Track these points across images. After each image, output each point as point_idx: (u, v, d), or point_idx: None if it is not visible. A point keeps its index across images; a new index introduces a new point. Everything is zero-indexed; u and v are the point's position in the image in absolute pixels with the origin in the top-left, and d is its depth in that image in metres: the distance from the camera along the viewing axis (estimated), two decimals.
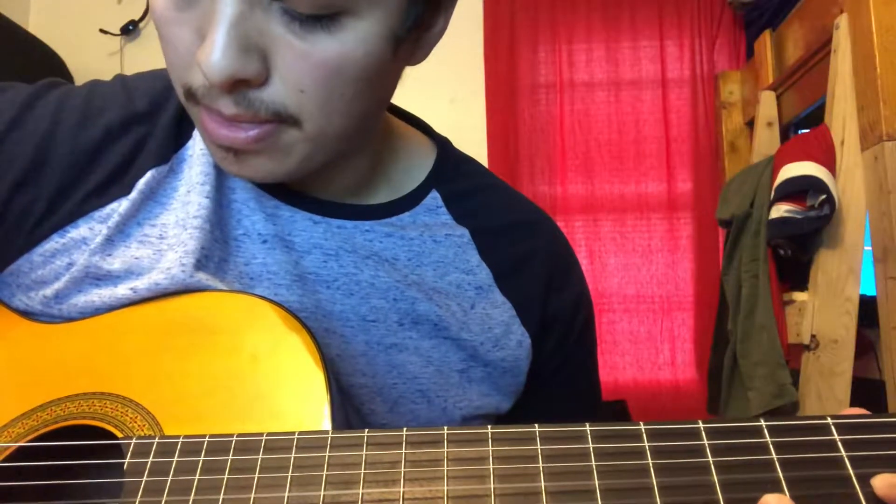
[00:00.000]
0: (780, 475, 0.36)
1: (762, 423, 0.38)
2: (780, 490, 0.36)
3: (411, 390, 0.55)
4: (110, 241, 0.51)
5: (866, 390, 1.52)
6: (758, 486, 0.36)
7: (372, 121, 0.56)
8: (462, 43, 2.33)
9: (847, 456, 0.37)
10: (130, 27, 2.38)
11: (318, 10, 0.43)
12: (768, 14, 2.09)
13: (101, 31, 2.36)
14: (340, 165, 0.55)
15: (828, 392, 1.45)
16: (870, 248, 1.42)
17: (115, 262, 0.51)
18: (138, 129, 0.54)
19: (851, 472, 0.36)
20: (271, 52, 0.44)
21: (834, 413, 0.40)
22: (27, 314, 0.52)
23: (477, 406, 0.58)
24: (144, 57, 2.38)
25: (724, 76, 2.28)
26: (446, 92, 2.31)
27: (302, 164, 0.50)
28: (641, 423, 0.38)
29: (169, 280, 0.49)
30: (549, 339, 0.61)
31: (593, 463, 0.37)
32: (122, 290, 0.50)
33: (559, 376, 0.63)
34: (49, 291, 0.51)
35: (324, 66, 0.45)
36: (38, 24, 2.39)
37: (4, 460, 0.44)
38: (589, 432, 0.38)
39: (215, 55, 0.42)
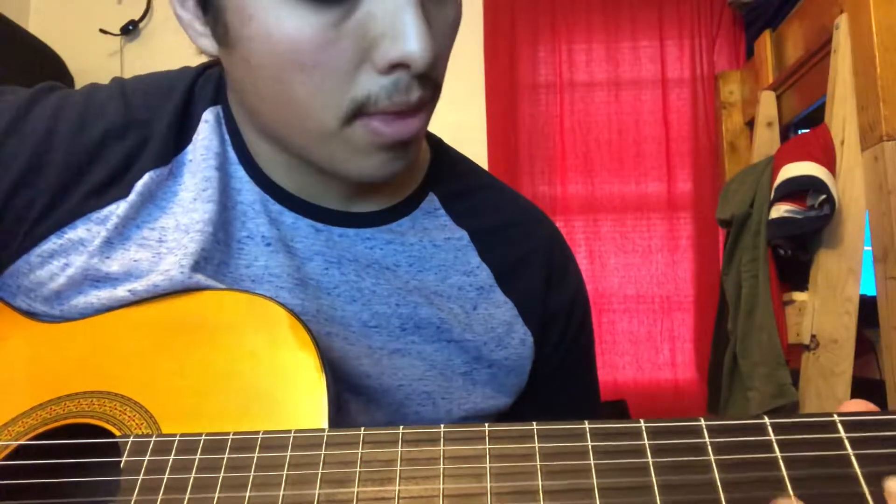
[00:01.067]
0: (784, 474, 0.35)
1: (766, 420, 0.37)
2: (784, 488, 0.35)
3: (417, 392, 0.55)
4: (109, 244, 0.52)
5: (866, 390, 1.52)
6: (761, 485, 0.35)
7: None
8: (462, 43, 2.32)
9: (854, 454, 0.35)
10: (130, 27, 2.38)
11: None
12: (768, 14, 2.09)
13: (101, 31, 2.36)
14: None
15: (828, 392, 1.45)
16: (870, 248, 1.42)
17: (113, 265, 0.51)
18: (136, 132, 0.54)
19: (858, 470, 0.35)
20: (430, 24, 0.45)
21: (840, 410, 0.39)
22: (29, 314, 0.53)
23: (481, 408, 0.58)
24: (144, 57, 2.38)
25: (724, 76, 2.28)
26: (446, 92, 2.29)
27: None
28: (642, 421, 0.37)
29: (168, 282, 0.50)
30: (551, 335, 0.62)
31: (592, 461, 0.36)
32: (121, 292, 0.50)
33: (560, 371, 0.63)
34: (48, 292, 0.52)
35: (453, 28, 0.49)
36: (38, 24, 2.39)
37: (4, 458, 0.45)
38: (588, 430, 0.37)
39: (420, 41, 0.43)
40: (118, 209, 0.52)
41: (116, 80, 0.58)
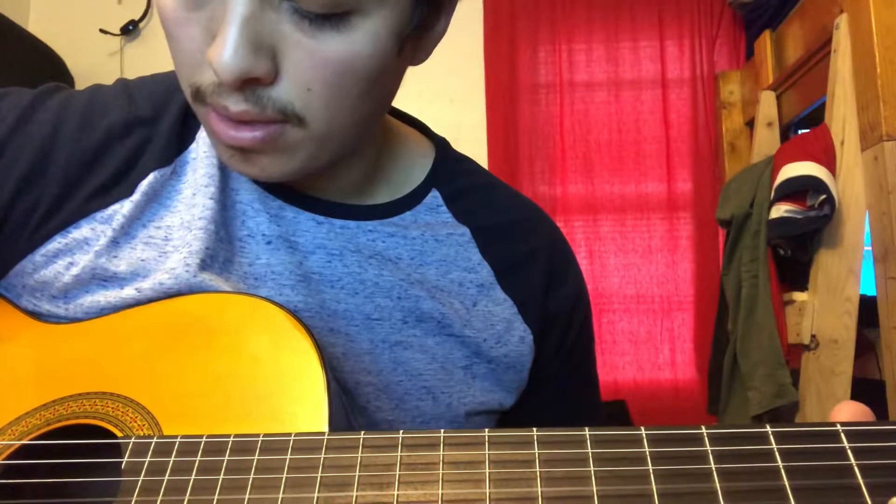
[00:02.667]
0: (786, 483, 0.35)
1: (768, 429, 0.36)
2: (786, 498, 0.34)
3: (416, 387, 0.56)
4: (115, 243, 0.52)
5: (866, 390, 1.52)
6: (763, 495, 0.34)
7: (375, 120, 0.56)
8: (462, 43, 2.33)
9: (857, 465, 0.35)
10: (130, 27, 2.38)
11: (328, 9, 0.43)
12: (768, 14, 2.09)
13: (101, 31, 2.36)
14: (343, 165, 0.56)
15: (828, 392, 1.45)
16: (870, 248, 1.42)
17: (121, 264, 0.51)
18: (140, 132, 0.54)
19: (861, 481, 0.34)
20: (281, 50, 0.45)
21: (833, 413, 0.39)
22: (34, 314, 0.53)
23: (481, 402, 0.58)
24: (144, 57, 2.38)
25: (724, 76, 2.28)
26: (446, 92, 2.31)
27: (307, 162, 0.50)
28: (643, 428, 0.37)
29: (173, 280, 0.50)
30: (551, 334, 0.62)
31: (592, 468, 0.36)
32: (128, 291, 0.51)
33: (561, 370, 0.64)
34: (54, 291, 0.52)
35: (332, 64, 0.45)
36: (38, 24, 2.40)
37: (7, 458, 0.45)
38: (588, 436, 0.37)
39: (227, 53, 0.42)
40: (123, 209, 0.52)
41: (120, 81, 0.59)
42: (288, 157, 0.49)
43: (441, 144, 0.65)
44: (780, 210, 1.52)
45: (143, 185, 0.53)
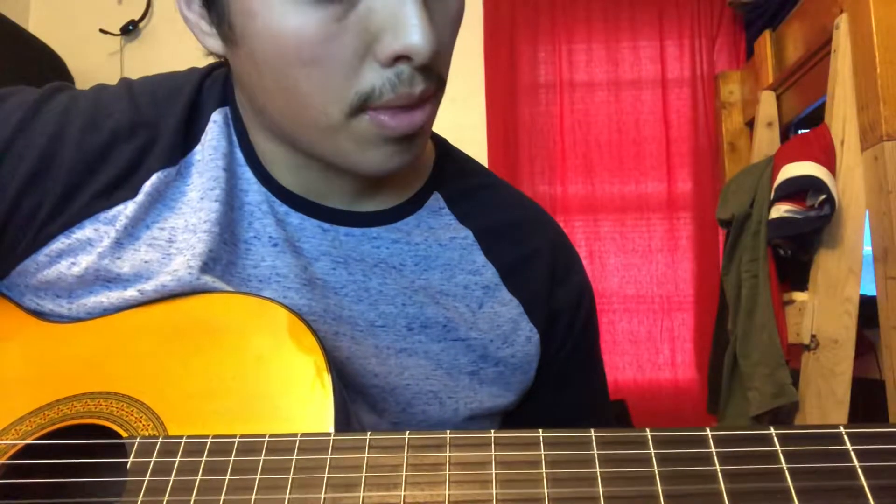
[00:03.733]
0: (790, 485, 0.35)
1: (772, 431, 0.37)
2: (790, 500, 0.34)
3: (423, 391, 0.56)
4: (119, 244, 0.52)
5: (866, 390, 1.52)
6: (767, 496, 0.35)
7: None
8: (462, 43, 2.31)
9: (861, 466, 0.35)
10: (130, 27, 2.38)
11: None
12: (768, 14, 2.09)
13: (101, 31, 2.36)
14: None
15: (828, 392, 1.45)
16: (870, 247, 1.42)
17: (124, 265, 0.51)
18: (144, 133, 0.54)
19: (864, 483, 0.35)
20: (432, 18, 0.46)
21: (833, 413, 0.39)
22: (37, 314, 0.53)
23: (487, 407, 0.59)
24: (144, 57, 2.38)
25: (724, 76, 2.28)
26: (446, 92, 2.30)
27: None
28: (648, 430, 0.37)
29: (176, 282, 0.50)
30: (556, 332, 0.62)
31: (598, 469, 0.36)
32: (131, 293, 0.51)
33: (566, 368, 0.64)
34: (57, 291, 0.52)
35: (456, 20, 0.48)
36: (38, 24, 2.39)
37: (11, 458, 0.45)
38: (594, 438, 0.37)
39: (422, 33, 0.43)
40: (126, 209, 0.52)
41: (124, 81, 0.59)
42: (431, 126, 0.52)
43: (441, 144, 0.65)
44: (780, 210, 1.52)
45: (147, 186, 0.53)
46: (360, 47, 0.45)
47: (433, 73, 0.48)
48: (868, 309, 1.43)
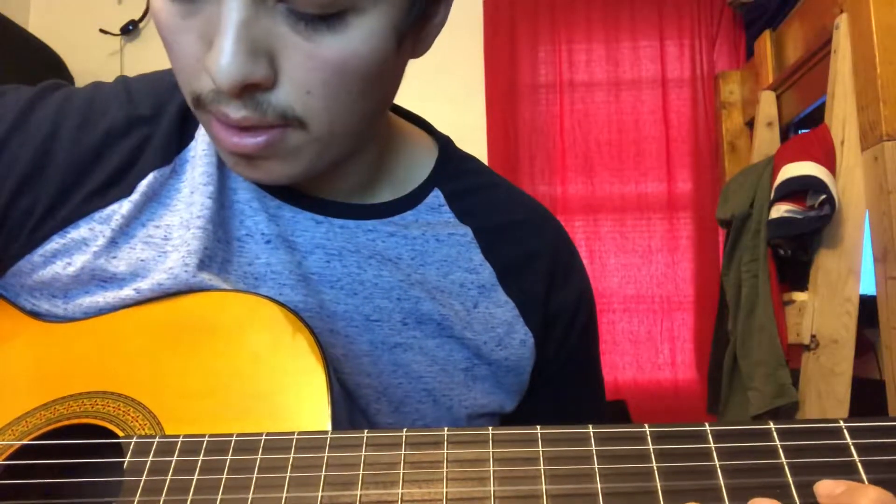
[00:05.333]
0: (790, 480, 0.35)
1: (771, 425, 0.37)
2: (789, 494, 0.34)
3: (416, 389, 0.55)
4: (114, 243, 0.52)
5: (866, 390, 1.52)
6: (766, 491, 0.35)
7: (378, 118, 0.56)
8: (462, 43, 2.33)
9: (860, 461, 0.35)
10: (130, 27, 2.38)
11: (323, 10, 0.43)
12: (768, 14, 2.09)
13: (101, 31, 2.36)
14: (344, 164, 0.55)
15: (828, 392, 1.45)
16: (870, 248, 1.42)
17: (120, 265, 0.51)
18: (140, 131, 0.54)
19: (864, 477, 0.35)
20: (278, 54, 0.44)
21: (833, 413, 0.39)
22: (33, 314, 0.53)
23: (482, 405, 0.58)
24: (144, 57, 2.38)
25: (724, 76, 2.28)
26: (446, 92, 2.31)
27: (312, 164, 0.50)
28: (646, 426, 0.37)
29: (172, 280, 0.50)
30: (552, 337, 0.61)
31: (596, 466, 0.36)
32: (127, 292, 0.50)
33: (562, 374, 0.63)
34: (53, 291, 0.52)
35: (330, 65, 0.45)
36: (38, 24, 2.39)
37: (8, 458, 0.45)
38: (592, 434, 0.37)
39: (224, 60, 0.42)
40: (122, 208, 0.52)
41: (120, 79, 0.58)
42: (292, 160, 0.49)
43: (444, 142, 0.64)
44: (780, 210, 1.52)
45: (143, 184, 0.53)
46: (198, 51, 0.45)
47: (265, 106, 0.45)
48: (868, 309, 1.43)
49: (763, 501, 0.35)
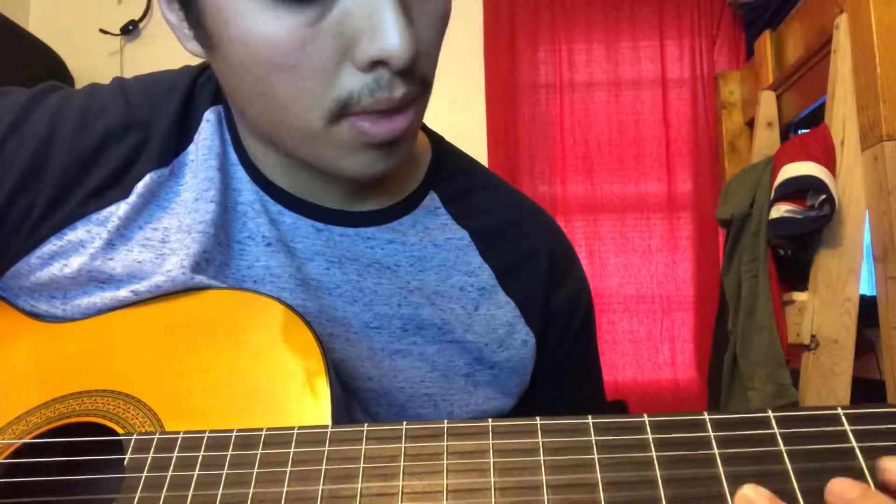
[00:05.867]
0: (789, 466, 0.35)
1: (770, 413, 0.37)
2: (789, 481, 0.35)
3: (418, 394, 0.55)
4: (111, 245, 0.52)
5: (866, 390, 1.52)
6: (765, 479, 0.35)
7: None
8: (462, 43, 2.33)
9: (858, 447, 0.35)
10: (130, 27, 2.38)
11: None
12: (768, 14, 2.09)
13: (101, 31, 2.36)
14: None
15: (828, 392, 1.45)
16: (870, 248, 1.42)
17: (117, 266, 0.51)
18: (137, 133, 0.54)
19: (863, 462, 0.35)
20: (412, 18, 0.45)
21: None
22: (33, 315, 0.53)
23: (483, 410, 0.58)
24: (144, 57, 2.38)
25: (724, 76, 2.28)
26: (446, 92, 2.31)
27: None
28: (645, 415, 0.37)
29: (170, 283, 0.50)
30: (552, 335, 0.62)
31: (595, 455, 0.36)
32: (124, 293, 0.51)
33: (562, 371, 0.63)
34: (51, 293, 0.52)
35: (442, 20, 0.47)
36: (38, 24, 2.39)
37: (9, 457, 0.45)
38: (591, 425, 0.37)
39: (399, 37, 0.42)
40: (119, 210, 0.52)
41: (117, 80, 0.58)
42: (416, 132, 0.50)
43: (437, 141, 0.64)
44: (780, 210, 1.52)
45: (140, 186, 0.53)
46: (337, 52, 0.44)
47: (415, 75, 0.46)
48: (868, 309, 1.43)
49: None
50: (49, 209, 0.52)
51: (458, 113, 2.31)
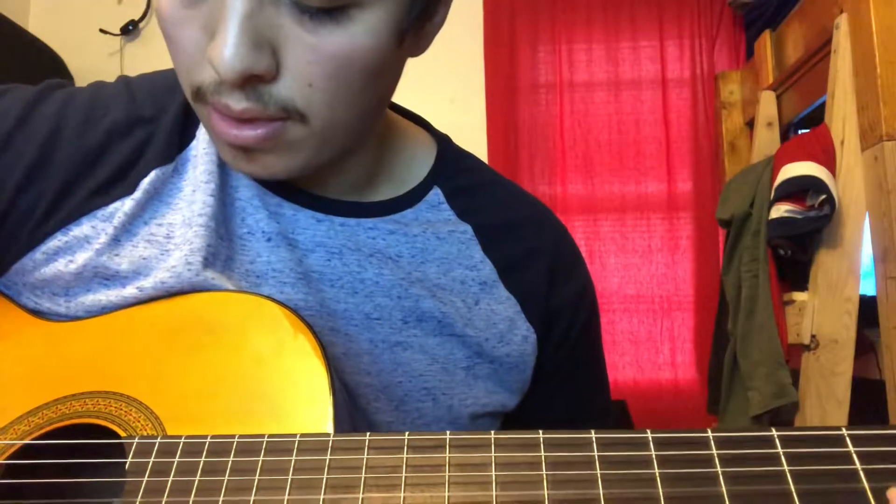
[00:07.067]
0: (792, 487, 0.35)
1: (773, 432, 0.37)
2: (791, 502, 0.34)
3: (417, 388, 0.55)
4: (117, 241, 0.52)
5: (866, 390, 1.52)
6: (768, 499, 0.35)
7: (377, 114, 0.56)
8: (462, 43, 2.33)
9: (863, 469, 0.35)
10: (130, 27, 2.38)
11: (328, 3, 0.43)
12: (768, 14, 2.09)
13: (101, 31, 2.36)
14: (344, 162, 0.56)
15: (828, 392, 1.45)
16: (870, 248, 1.42)
17: (122, 262, 0.51)
18: (142, 130, 0.54)
19: (867, 485, 0.35)
20: (281, 46, 0.44)
21: (833, 413, 0.39)
22: (35, 312, 0.53)
23: (483, 404, 0.58)
24: (144, 57, 2.38)
25: (724, 76, 2.28)
26: (446, 92, 2.31)
27: (311, 159, 0.50)
28: (648, 431, 0.37)
29: (175, 279, 0.50)
30: (553, 333, 0.62)
31: (598, 471, 0.36)
32: (129, 290, 0.51)
33: (565, 371, 0.63)
34: (55, 289, 0.52)
35: (333, 58, 0.45)
36: (38, 24, 2.39)
37: (9, 458, 0.45)
38: (594, 440, 0.37)
39: (228, 51, 0.42)
40: (124, 206, 0.52)
41: (122, 78, 0.58)
42: (291, 154, 0.49)
43: (443, 140, 0.65)
44: (780, 210, 1.52)
45: (145, 182, 0.53)
46: (201, 42, 0.45)
47: (267, 98, 0.45)
48: (868, 309, 1.43)
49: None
50: (54, 205, 0.52)
51: (458, 113, 2.31)
